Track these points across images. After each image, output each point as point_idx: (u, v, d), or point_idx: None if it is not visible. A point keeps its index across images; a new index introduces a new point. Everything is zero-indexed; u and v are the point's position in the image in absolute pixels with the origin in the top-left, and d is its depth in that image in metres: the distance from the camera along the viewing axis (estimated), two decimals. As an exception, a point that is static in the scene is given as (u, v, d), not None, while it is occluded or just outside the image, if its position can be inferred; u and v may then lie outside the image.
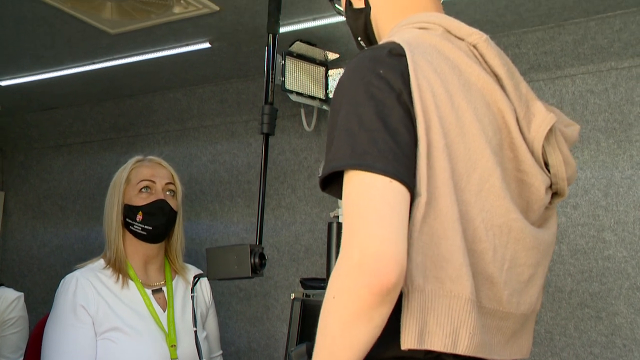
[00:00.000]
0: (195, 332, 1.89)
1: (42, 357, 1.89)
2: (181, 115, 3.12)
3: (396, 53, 0.99)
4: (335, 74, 2.49)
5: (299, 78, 2.41)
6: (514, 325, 1.05)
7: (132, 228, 1.98)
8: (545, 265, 1.10)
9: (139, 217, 1.97)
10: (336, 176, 0.96)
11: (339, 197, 0.96)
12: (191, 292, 1.96)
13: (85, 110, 3.30)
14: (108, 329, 1.87)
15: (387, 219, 0.88)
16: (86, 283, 1.91)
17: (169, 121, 3.17)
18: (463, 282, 0.94)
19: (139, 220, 1.97)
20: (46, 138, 3.55)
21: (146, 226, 1.97)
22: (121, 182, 2.01)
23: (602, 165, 2.26)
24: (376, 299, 0.86)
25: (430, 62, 1.00)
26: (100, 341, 1.86)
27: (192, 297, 1.93)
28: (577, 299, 2.26)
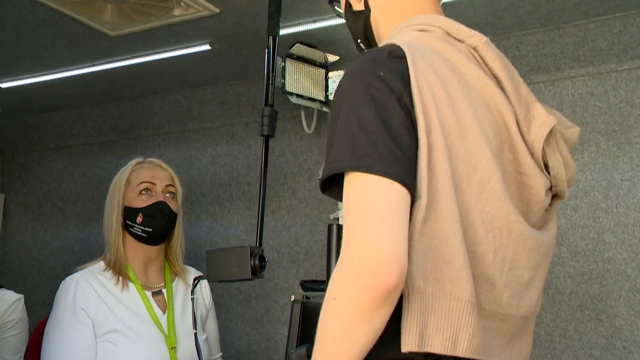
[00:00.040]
0: (195, 334, 1.90)
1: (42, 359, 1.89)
2: (181, 117, 3.12)
3: (396, 55, 0.99)
4: (335, 76, 2.49)
5: (299, 80, 2.41)
6: (514, 327, 1.05)
7: (132, 230, 1.98)
8: (545, 267, 1.10)
9: (139, 219, 1.97)
10: (336, 178, 0.96)
11: (339, 200, 0.96)
12: (191, 294, 1.96)
13: (85, 112, 3.30)
14: (108, 331, 1.87)
15: (388, 221, 0.88)
16: (86, 285, 1.91)
17: (169, 123, 3.17)
18: (463, 285, 0.94)
19: (139, 222, 1.97)
20: (46, 140, 3.55)
21: (146, 228, 1.97)
22: (121, 184, 2.01)
23: (602, 167, 2.26)
24: (377, 301, 0.86)
25: (430, 65, 1.00)
26: (100, 343, 1.86)
27: (192, 299, 1.94)
28: (577, 301, 2.26)
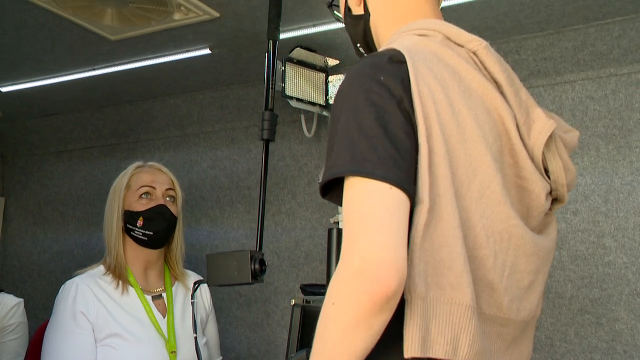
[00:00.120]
0: (195, 338, 1.89)
1: (42, 364, 1.89)
2: (181, 121, 3.12)
3: (396, 60, 0.99)
4: (335, 80, 2.49)
5: (299, 84, 2.41)
6: (514, 331, 1.05)
7: (133, 234, 1.98)
8: (545, 271, 1.10)
9: (140, 223, 1.97)
10: (336, 183, 0.96)
11: (339, 204, 0.96)
12: (191, 298, 1.96)
13: (85, 116, 3.30)
14: (108, 335, 1.87)
15: (387, 226, 0.88)
16: (86, 289, 1.91)
17: (169, 127, 3.17)
18: (464, 289, 0.93)
19: (140, 225, 1.97)
20: (47, 144, 3.55)
21: (147, 231, 1.97)
22: (121, 188, 2.01)
23: (602, 171, 2.26)
24: (376, 307, 0.86)
25: (430, 69, 1.00)
26: (100, 347, 1.86)
27: (192, 303, 1.94)
28: (578, 305, 2.26)
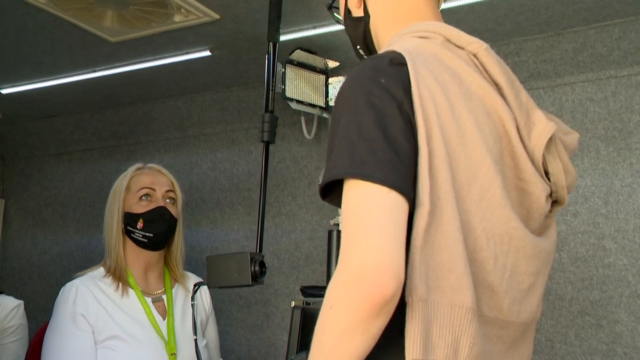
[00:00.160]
0: (195, 341, 1.89)
1: (42, 366, 1.89)
2: (181, 123, 3.12)
3: (397, 62, 0.99)
4: (335, 82, 2.49)
5: (299, 86, 2.41)
6: (515, 333, 1.05)
7: (133, 236, 1.98)
8: (545, 273, 1.10)
9: (140, 225, 1.97)
10: (336, 184, 0.96)
11: (339, 206, 0.96)
12: (191, 300, 1.96)
13: (85, 118, 3.31)
14: (108, 338, 1.86)
15: (385, 229, 0.88)
16: (86, 291, 1.91)
17: (170, 129, 3.17)
18: (464, 292, 0.93)
19: (140, 227, 1.97)
20: (47, 146, 3.55)
21: (147, 233, 1.97)
22: (121, 190, 2.01)
23: (602, 173, 2.26)
24: (373, 310, 0.85)
25: (431, 71, 1.00)
26: (100, 350, 1.86)
27: (192, 305, 1.93)
28: (578, 307, 2.26)
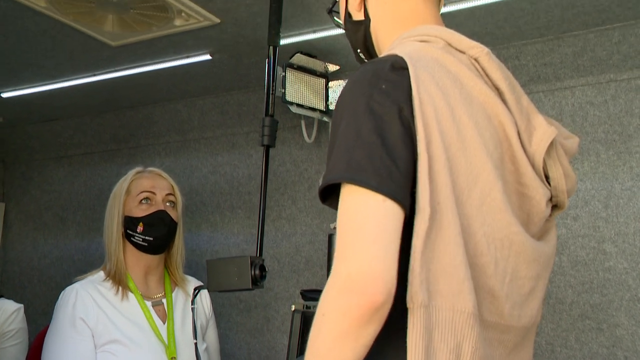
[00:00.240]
0: (195, 344, 1.89)
1: (42, 370, 1.89)
2: (182, 126, 3.12)
3: (398, 66, 0.99)
4: (335, 86, 2.50)
5: (300, 90, 2.42)
6: (515, 338, 1.05)
7: (133, 239, 1.98)
8: (545, 277, 1.10)
9: (140, 228, 1.96)
10: (335, 188, 0.96)
11: (338, 210, 0.96)
12: (191, 304, 1.96)
13: (86, 121, 3.31)
14: (108, 342, 1.86)
15: (377, 238, 0.88)
16: (86, 295, 1.90)
17: (170, 132, 3.18)
18: (465, 297, 0.93)
19: (140, 231, 1.96)
20: (47, 149, 3.56)
21: (147, 237, 1.97)
22: (121, 194, 2.01)
23: (602, 176, 2.27)
24: (364, 318, 0.85)
25: (432, 76, 1.00)
26: (100, 354, 1.85)
27: (193, 309, 1.93)
28: (578, 311, 2.25)
